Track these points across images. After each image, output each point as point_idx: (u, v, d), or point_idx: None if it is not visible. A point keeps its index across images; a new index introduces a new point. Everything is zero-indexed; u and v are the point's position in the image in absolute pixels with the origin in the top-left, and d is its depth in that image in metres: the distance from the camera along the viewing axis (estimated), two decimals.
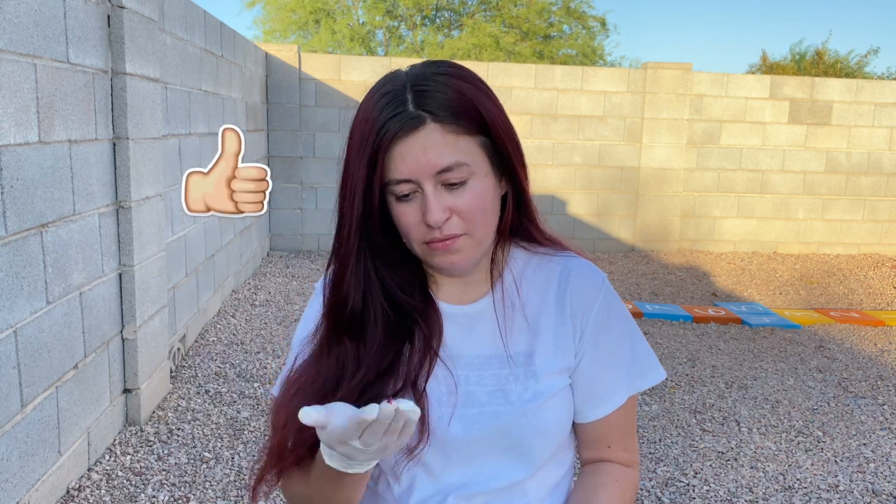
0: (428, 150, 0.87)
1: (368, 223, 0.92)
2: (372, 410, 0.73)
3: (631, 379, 1.03)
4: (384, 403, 0.74)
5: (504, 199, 0.98)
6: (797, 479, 3.03)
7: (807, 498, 2.89)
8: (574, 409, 1.03)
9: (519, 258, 1.04)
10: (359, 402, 0.88)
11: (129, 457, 2.98)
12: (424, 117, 0.87)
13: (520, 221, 1.02)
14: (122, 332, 3.19)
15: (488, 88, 0.94)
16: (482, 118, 0.90)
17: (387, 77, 0.92)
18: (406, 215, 0.91)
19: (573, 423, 1.05)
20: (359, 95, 7.66)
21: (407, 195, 0.90)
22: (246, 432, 3.26)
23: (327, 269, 0.99)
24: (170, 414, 3.42)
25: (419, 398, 0.94)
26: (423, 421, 0.94)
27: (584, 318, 1.01)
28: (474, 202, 0.90)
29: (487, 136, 0.91)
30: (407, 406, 0.75)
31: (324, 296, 0.99)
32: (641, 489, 2.91)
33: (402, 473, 0.99)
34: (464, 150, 0.89)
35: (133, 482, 2.79)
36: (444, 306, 1.01)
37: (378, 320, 0.95)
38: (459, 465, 0.97)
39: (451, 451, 0.97)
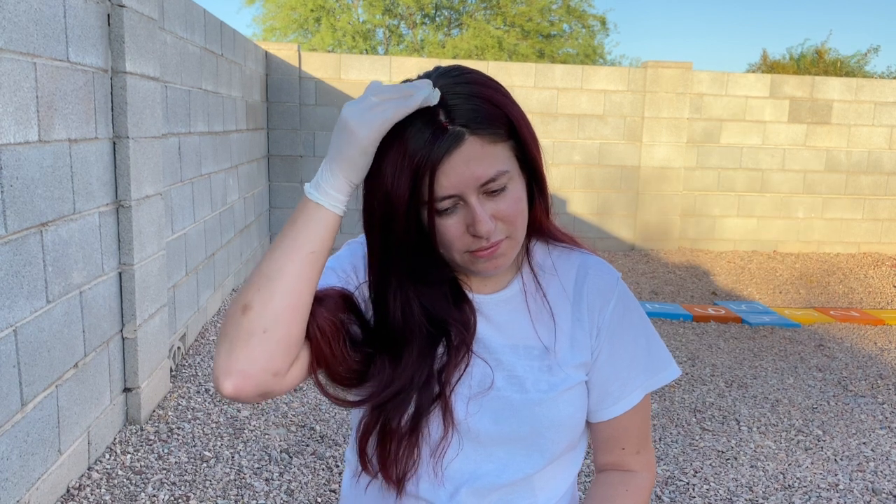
0: (471, 163, 0.87)
1: (414, 243, 0.93)
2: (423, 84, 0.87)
3: (647, 376, 1.04)
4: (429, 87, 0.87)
5: (531, 194, 0.99)
6: (797, 478, 3.03)
7: (806, 497, 2.89)
8: (590, 407, 1.03)
9: (539, 251, 1.05)
10: (387, 399, 0.93)
11: (129, 456, 2.98)
12: (463, 132, 0.87)
13: (540, 215, 1.03)
14: (122, 330, 3.19)
15: (505, 90, 0.95)
16: (511, 122, 0.91)
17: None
18: (449, 228, 0.91)
19: (589, 425, 1.05)
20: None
21: (448, 209, 0.90)
22: (246, 431, 3.27)
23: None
24: (170, 413, 3.42)
25: (448, 398, 0.95)
26: (447, 415, 0.95)
27: (600, 315, 1.02)
28: (514, 206, 0.91)
29: (515, 139, 0.92)
30: (435, 95, 0.87)
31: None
32: None
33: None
34: (502, 158, 0.90)
35: (133, 481, 2.79)
36: (468, 294, 1.02)
37: (417, 334, 0.96)
38: (469, 452, 0.98)
39: (464, 434, 0.97)
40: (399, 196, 0.88)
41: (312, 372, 0.92)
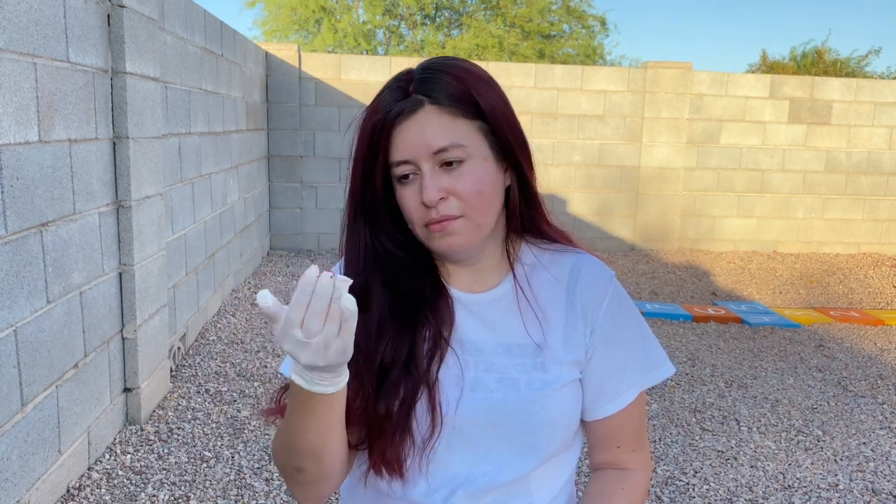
0: (425, 130, 0.91)
1: (367, 203, 0.97)
2: (310, 271, 0.78)
3: (642, 374, 1.04)
4: (323, 272, 0.78)
5: (510, 190, 1.00)
6: (797, 479, 3.03)
7: (806, 497, 2.89)
8: (585, 406, 1.03)
9: (529, 251, 1.06)
10: (377, 395, 0.96)
11: (129, 456, 2.98)
12: (422, 100, 0.91)
13: (529, 214, 1.03)
14: (122, 331, 3.19)
15: (490, 78, 0.97)
16: (478, 103, 0.93)
17: (398, 74, 0.97)
18: (408, 198, 0.94)
19: (584, 424, 1.05)
20: (359, 94, 7.68)
21: (407, 176, 0.93)
22: (246, 431, 3.27)
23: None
24: (170, 413, 3.42)
25: (431, 386, 0.96)
26: (435, 409, 0.96)
27: (594, 314, 1.02)
28: (471, 184, 0.93)
29: (486, 122, 0.94)
30: (342, 279, 0.77)
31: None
32: None
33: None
34: (461, 133, 0.92)
35: (133, 481, 2.79)
36: (456, 293, 1.03)
37: (380, 302, 0.97)
38: (464, 455, 0.97)
39: (457, 437, 0.97)
40: (359, 152, 0.94)
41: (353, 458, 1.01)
